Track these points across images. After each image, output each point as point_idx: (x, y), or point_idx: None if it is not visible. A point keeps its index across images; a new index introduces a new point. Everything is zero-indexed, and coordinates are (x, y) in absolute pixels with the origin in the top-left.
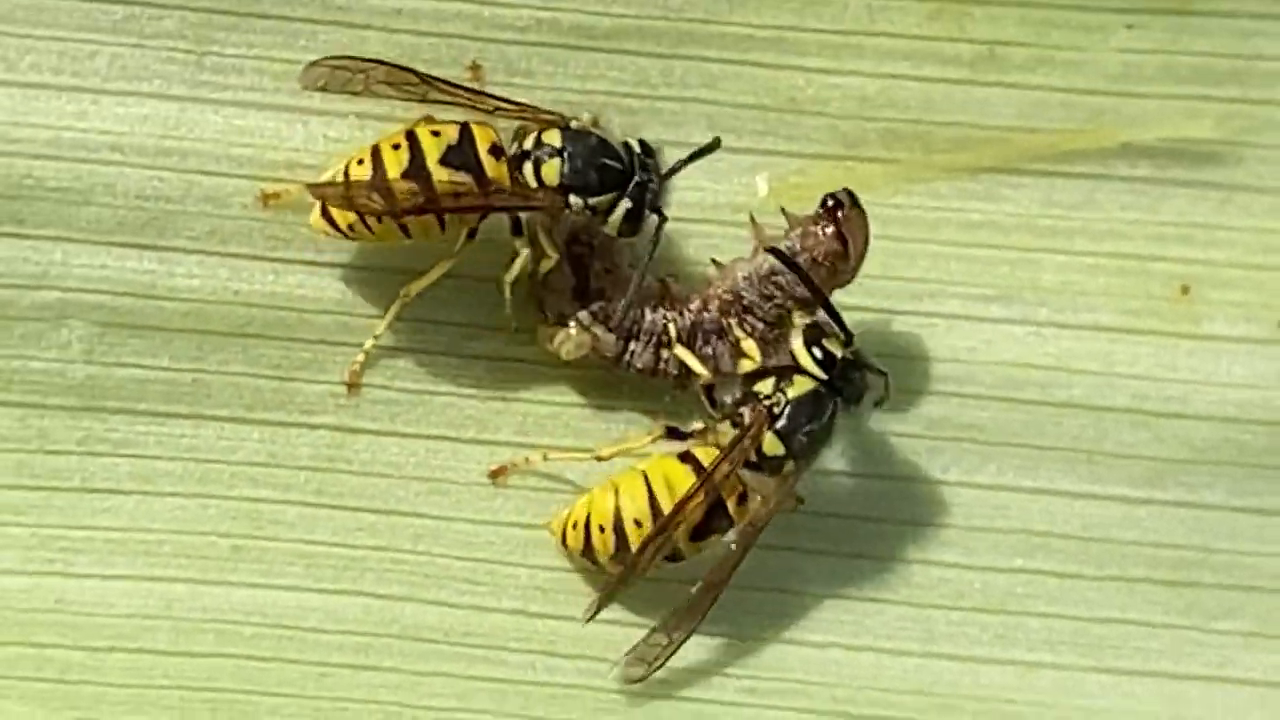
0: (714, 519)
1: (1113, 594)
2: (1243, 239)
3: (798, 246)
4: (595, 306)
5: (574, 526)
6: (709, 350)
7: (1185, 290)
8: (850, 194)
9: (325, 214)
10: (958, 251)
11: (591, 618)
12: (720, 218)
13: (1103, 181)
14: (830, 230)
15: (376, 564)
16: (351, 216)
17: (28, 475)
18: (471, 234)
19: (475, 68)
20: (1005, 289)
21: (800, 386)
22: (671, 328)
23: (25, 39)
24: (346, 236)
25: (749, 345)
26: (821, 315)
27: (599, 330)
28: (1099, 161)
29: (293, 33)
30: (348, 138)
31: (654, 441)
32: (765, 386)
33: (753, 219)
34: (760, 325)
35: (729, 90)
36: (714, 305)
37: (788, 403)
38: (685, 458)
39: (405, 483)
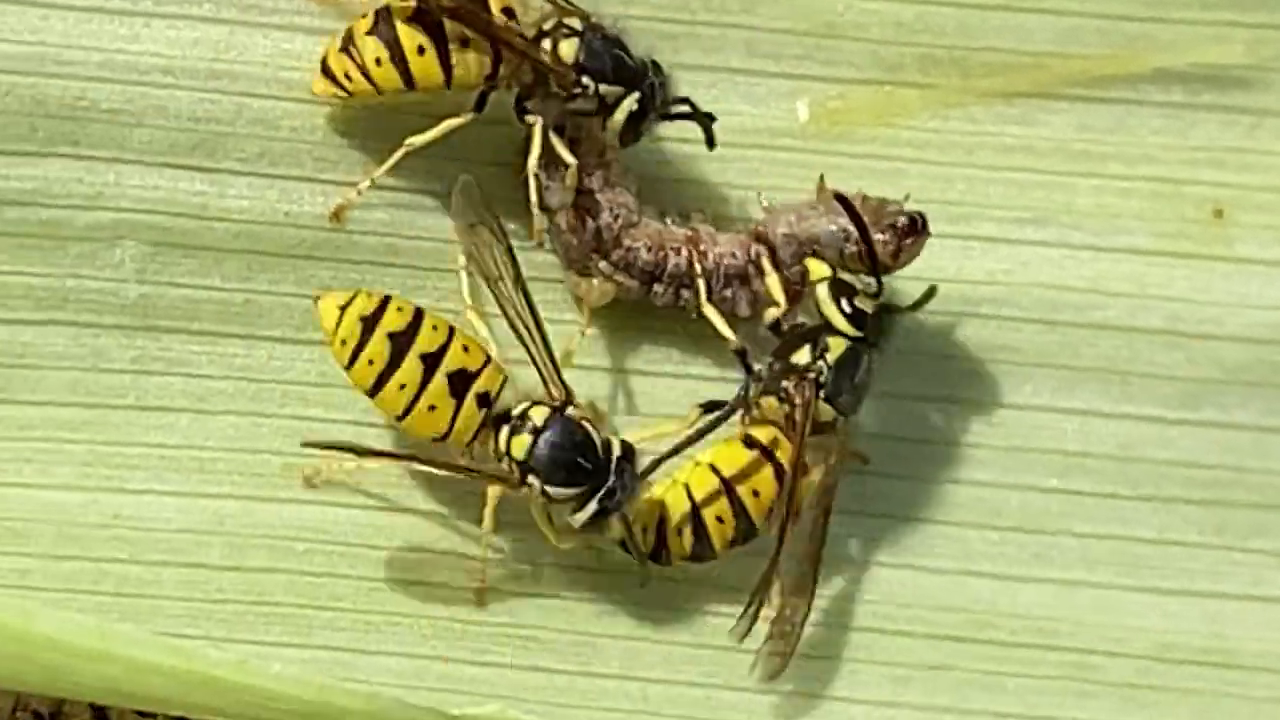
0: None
1: (1148, 513)
2: (1274, 163)
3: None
4: (615, 255)
5: (644, 531)
6: (727, 293)
7: (1218, 213)
8: (924, 220)
9: (326, 72)
10: (994, 175)
11: (747, 633)
12: (760, 142)
13: (1136, 106)
14: (890, 247)
15: (425, 481)
16: (351, 67)
17: (83, 393)
18: (479, 104)
19: None
20: (1041, 212)
21: (837, 348)
22: (701, 284)
23: None
24: (347, 92)
25: (773, 281)
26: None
27: (621, 277)
28: (1132, 87)
29: None
30: None
31: (694, 426)
32: (802, 355)
33: (822, 180)
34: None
35: (767, 15)
36: (741, 251)
37: (830, 369)
38: (749, 443)
39: None
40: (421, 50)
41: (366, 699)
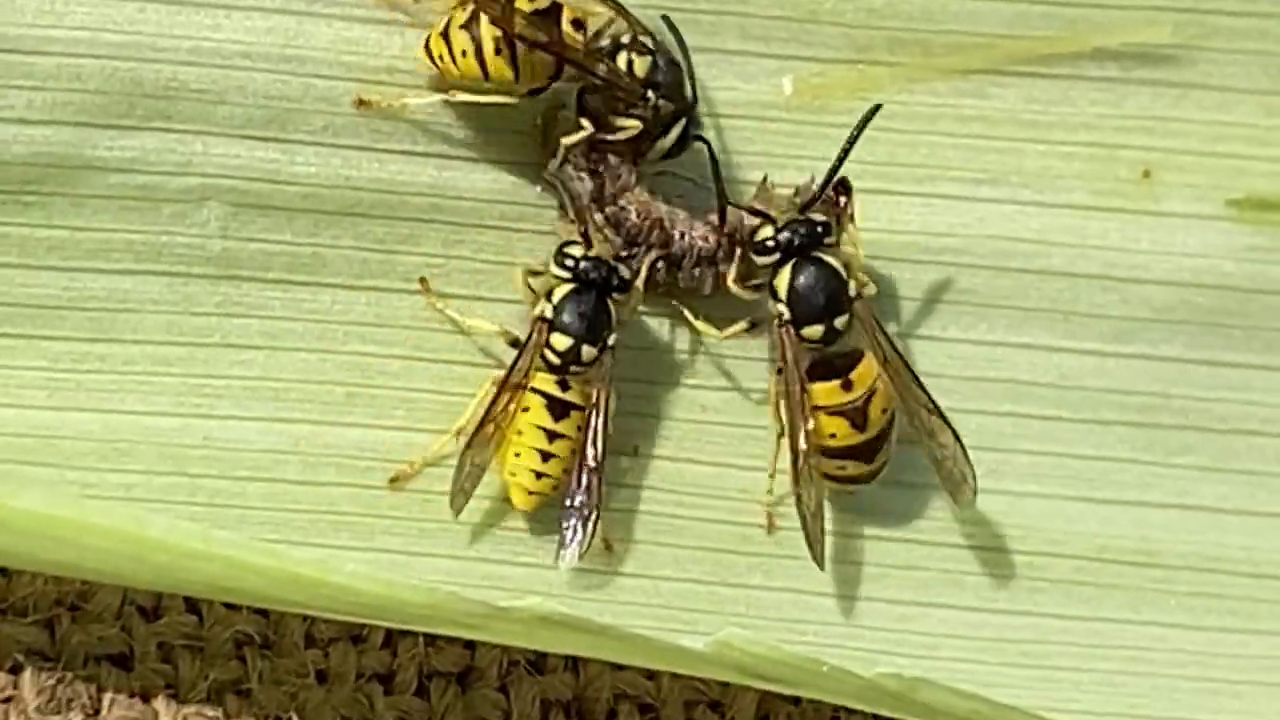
0: None
1: (1087, 434)
2: (1195, 130)
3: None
4: (609, 211)
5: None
6: (695, 272)
7: (1147, 174)
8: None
9: (428, 51)
10: (953, 141)
11: (822, 557)
12: (751, 114)
13: (1076, 81)
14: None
15: (468, 408)
16: (445, 52)
17: (176, 333)
18: (534, 92)
19: None
20: (994, 174)
21: (782, 277)
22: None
23: None
24: (439, 70)
25: (732, 271)
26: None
27: (609, 232)
28: (1073, 63)
29: None
30: None
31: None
32: (777, 309)
33: (764, 181)
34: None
35: (758, 4)
36: (714, 237)
37: (789, 303)
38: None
39: (490, 339)
40: (498, 50)
41: (427, 593)
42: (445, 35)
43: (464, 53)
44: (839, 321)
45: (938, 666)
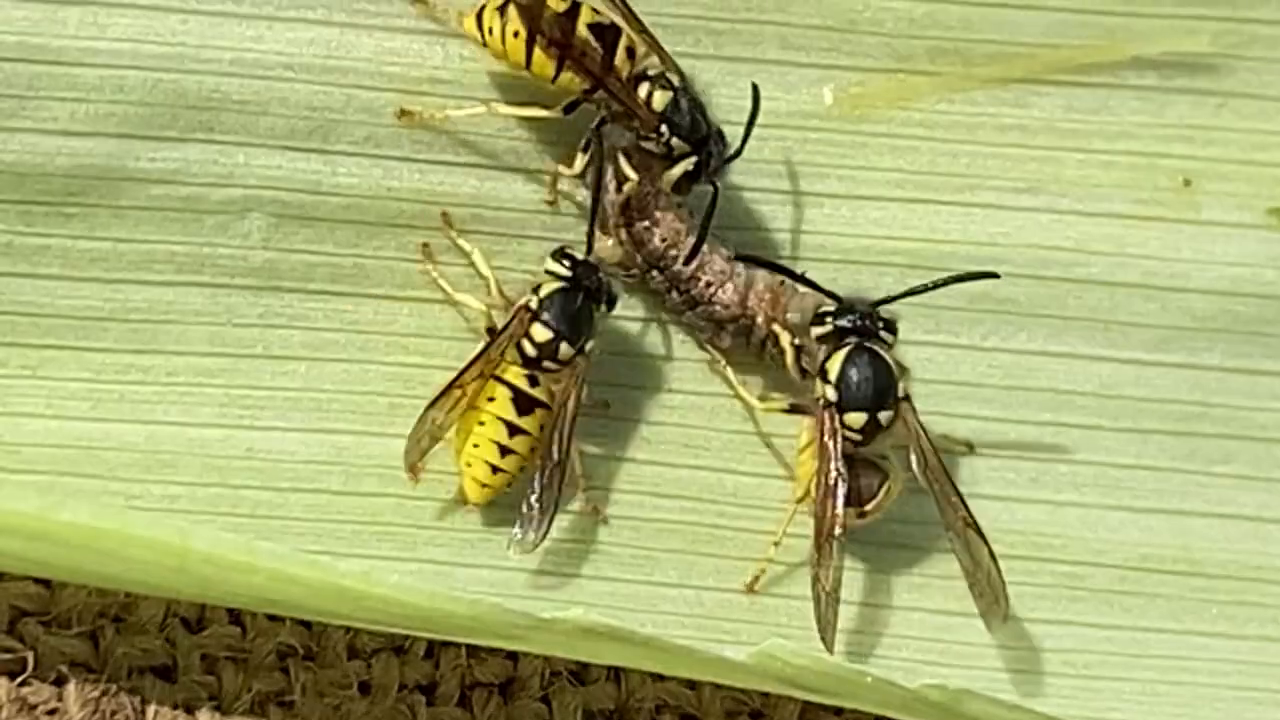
0: None
1: (1127, 443)
2: (1236, 138)
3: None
4: (635, 228)
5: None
6: (713, 324)
7: (1187, 183)
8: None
9: (479, 20)
10: (993, 150)
11: (833, 642)
12: (792, 123)
13: (1115, 90)
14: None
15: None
16: (496, 27)
17: (219, 344)
18: (570, 107)
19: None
20: (1033, 182)
21: (836, 360)
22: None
23: None
24: (482, 43)
25: (790, 360)
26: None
27: (630, 248)
28: (1112, 73)
29: None
30: (480, 56)
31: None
32: (824, 390)
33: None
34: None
35: (798, 14)
36: (738, 302)
37: (841, 387)
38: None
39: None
40: (515, 34)
41: (470, 604)
42: (504, 10)
43: (516, 34)
44: (883, 416)
45: (980, 676)
